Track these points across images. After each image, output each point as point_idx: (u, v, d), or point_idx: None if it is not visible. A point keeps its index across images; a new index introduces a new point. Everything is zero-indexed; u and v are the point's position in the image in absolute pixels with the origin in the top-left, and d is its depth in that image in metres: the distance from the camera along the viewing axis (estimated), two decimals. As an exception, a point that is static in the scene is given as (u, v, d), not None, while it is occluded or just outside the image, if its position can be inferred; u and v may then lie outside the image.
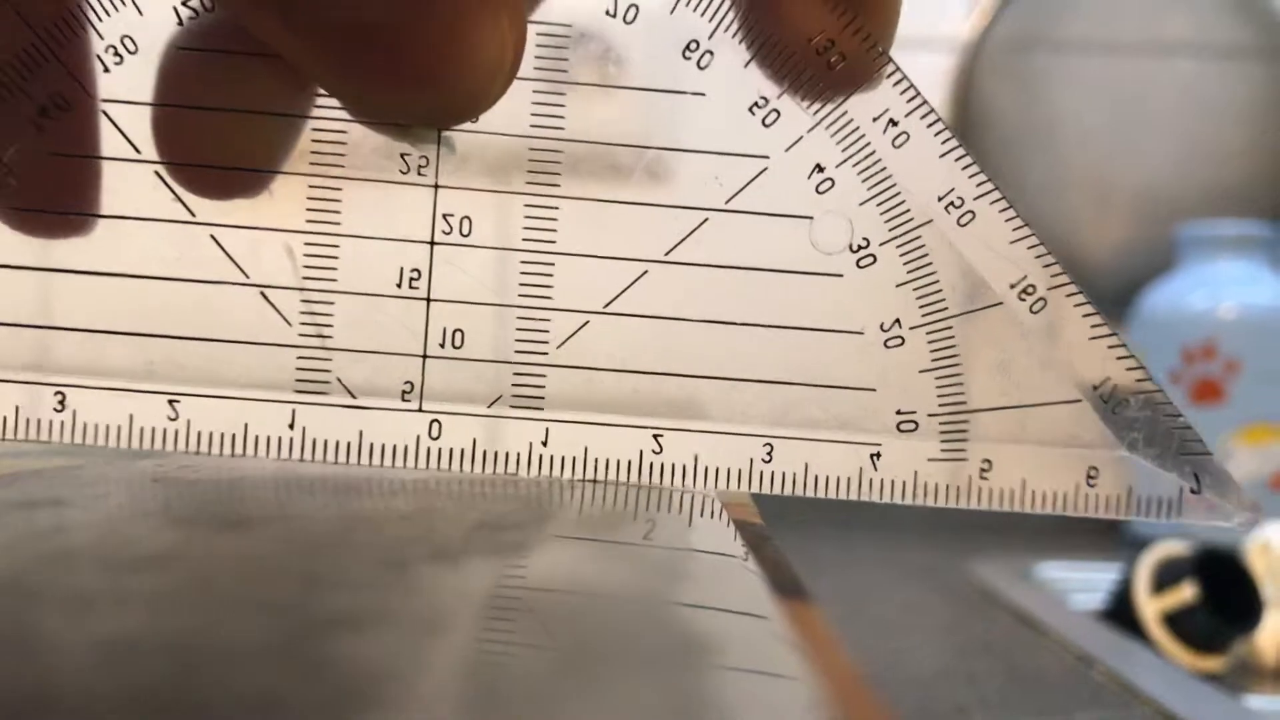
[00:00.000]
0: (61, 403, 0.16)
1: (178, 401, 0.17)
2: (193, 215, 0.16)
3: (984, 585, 0.62)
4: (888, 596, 0.60)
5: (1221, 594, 0.53)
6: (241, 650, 0.09)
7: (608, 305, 0.17)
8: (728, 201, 0.17)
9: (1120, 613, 0.55)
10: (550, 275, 0.17)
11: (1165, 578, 0.54)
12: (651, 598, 0.13)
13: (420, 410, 0.17)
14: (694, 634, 0.11)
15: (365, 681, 0.09)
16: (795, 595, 0.13)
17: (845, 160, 0.17)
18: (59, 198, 0.16)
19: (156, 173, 0.16)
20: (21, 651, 0.09)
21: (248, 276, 0.16)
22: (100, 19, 0.16)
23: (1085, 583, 0.65)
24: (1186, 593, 0.53)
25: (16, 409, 0.16)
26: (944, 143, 0.17)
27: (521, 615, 0.11)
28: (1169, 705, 0.40)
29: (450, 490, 0.17)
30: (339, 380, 0.17)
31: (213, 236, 0.16)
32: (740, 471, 0.17)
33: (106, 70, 0.16)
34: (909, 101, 0.17)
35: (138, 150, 0.16)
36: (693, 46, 0.16)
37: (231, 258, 0.16)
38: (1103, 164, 0.96)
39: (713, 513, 0.17)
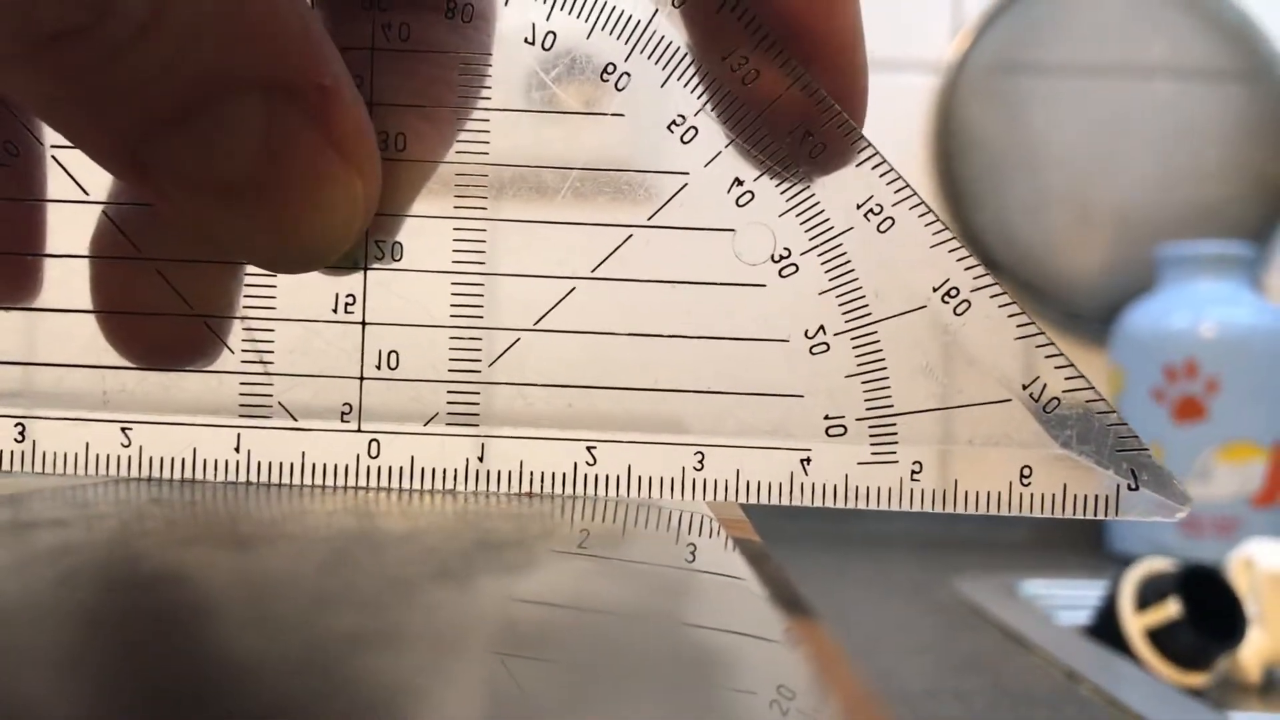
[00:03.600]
0: (21, 434, 0.17)
1: (130, 429, 0.17)
2: (138, 251, 0.17)
3: (970, 602, 0.62)
4: (875, 613, 0.59)
5: (1205, 610, 0.53)
6: (257, 668, 0.10)
7: (538, 322, 0.17)
8: (650, 218, 0.17)
9: (1105, 629, 0.55)
10: (481, 295, 0.17)
11: (1149, 594, 0.54)
12: (658, 614, 0.13)
13: (359, 430, 0.17)
14: (702, 649, 0.12)
15: (382, 698, 0.09)
16: (798, 611, 0.13)
17: (763, 173, 0.17)
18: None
19: (105, 213, 0.17)
20: (37, 671, 0.09)
21: (191, 308, 0.17)
22: (47, 69, 0.17)
23: (1071, 599, 0.65)
24: (1170, 609, 0.53)
25: None
26: (861, 151, 0.17)
27: (531, 631, 0.12)
28: (1154, 721, 0.40)
29: (445, 510, 0.17)
30: (280, 404, 0.17)
31: (159, 271, 0.17)
32: (673, 480, 0.17)
33: (55, 117, 0.17)
34: (824, 112, 0.17)
35: (86, 192, 0.17)
36: (610, 69, 0.17)
37: (177, 290, 0.17)
38: (1084, 184, 0.96)
39: (711, 531, 0.17)
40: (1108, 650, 0.53)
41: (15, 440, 0.17)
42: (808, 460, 0.17)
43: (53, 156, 0.17)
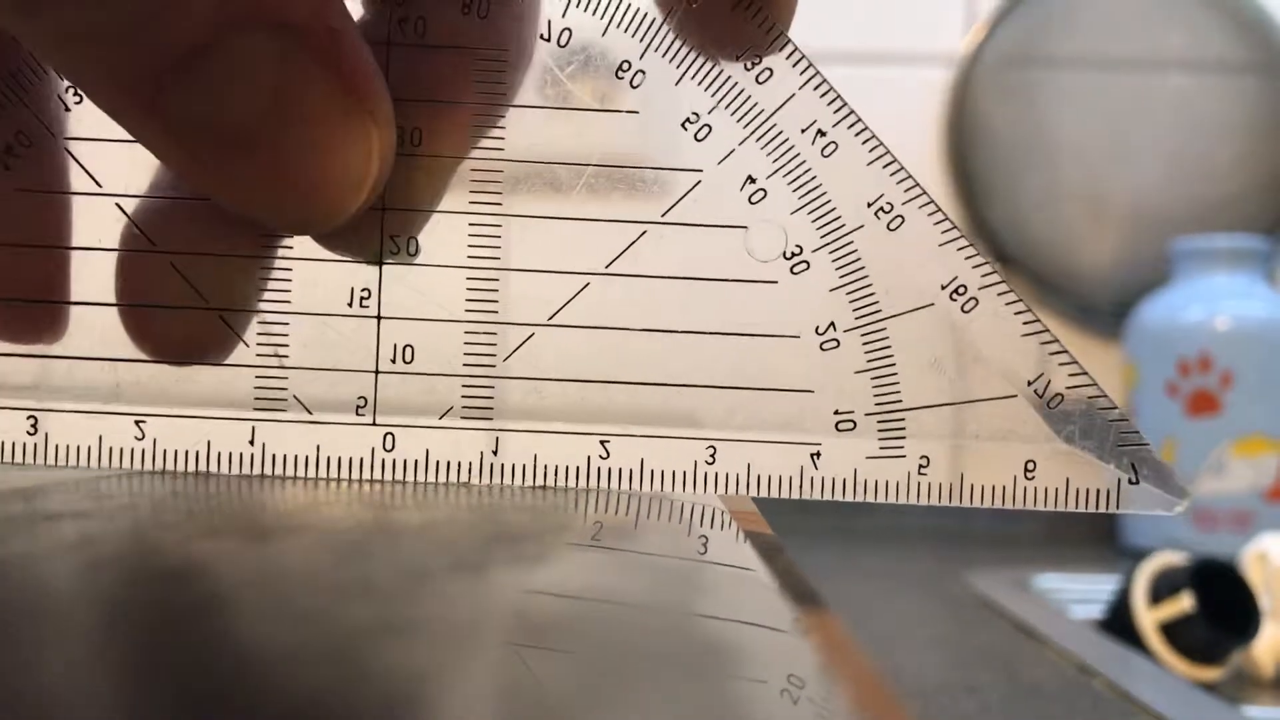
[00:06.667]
0: (34, 426, 0.17)
1: (144, 422, 0.17)
2: (153, 245, 0.17)
3: (983, 596, 0.62)
4: (888, 607, 0.60)
5: (1219, 604, 0.53)
6: (278, 657, 0.10)
7: (552, 317, 0.17)
8: (664, 214, 0.17)
9: (1118, 623, 0.55)
10: (496, 290, 0.17)
11: (1163, 588, 0.54)
12: (673, 606, 0.13)
13: (374, 424, 0.17)
14: (716, 641, 0.12)
15: (400, 687, 0.09)
16: (812, 603, 0.13)
17: (776, 171, 0.17)
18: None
19: (117, 204, 0.17)
20: (66, 661, 0.10)
21: (207, 301, 0.17)
22: (61, 61, 0.17)
23: (1084, 593, 0.65)
24: (1184, 603, 0.53)
25: None
26: (871, 150, 0.17)
27: (546, 622, 0.12)
28: (1168, 715, 0.40)
29: (461, 504, 0.17)
30: (295, 397, 0.17)
31: (173, 264, 0.17)
32: (685, 474, 0.18)
33: (68, 109, 0.17)
34: (836, 112, 0.17)
35: (99, 184, 0.17)
36: (625, 67, 0.17)
37: (191, 283, 0.17)
38: (1098, 178, 0.96)
39: (723, 524, 0.17)
40: (1121, 644, 0.53)
41: (28, 433, 0.17)
42: (818, 454, 0.18)
43: (66, 149, 0.17)
